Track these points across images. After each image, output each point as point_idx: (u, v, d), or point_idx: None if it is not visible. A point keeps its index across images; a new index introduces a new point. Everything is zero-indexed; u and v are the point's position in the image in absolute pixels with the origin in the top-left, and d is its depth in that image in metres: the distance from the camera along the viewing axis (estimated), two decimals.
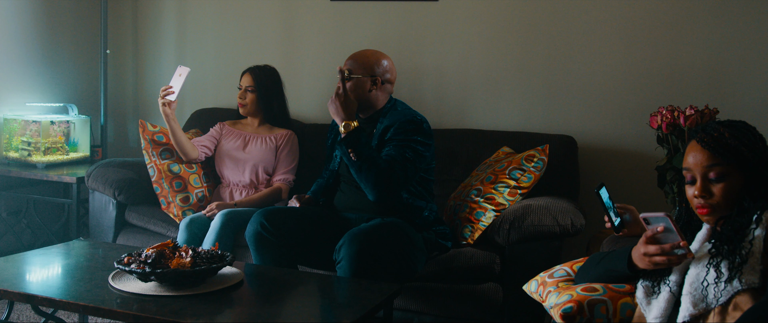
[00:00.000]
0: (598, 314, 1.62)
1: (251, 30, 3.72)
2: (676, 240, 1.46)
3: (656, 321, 1.50)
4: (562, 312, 1.63)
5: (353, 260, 2.19)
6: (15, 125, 3.43)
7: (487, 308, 2.43)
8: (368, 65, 2.50)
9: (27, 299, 1.83)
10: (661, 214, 1.47)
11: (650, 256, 1.49)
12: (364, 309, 1.82)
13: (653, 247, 1.49)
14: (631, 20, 3.02)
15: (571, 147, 2.94)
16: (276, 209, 2.46)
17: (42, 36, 3.64)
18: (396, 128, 2.45)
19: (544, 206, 2.48)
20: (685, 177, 1.56)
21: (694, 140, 1.54)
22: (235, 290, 1.92)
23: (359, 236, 2.24)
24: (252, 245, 2.39)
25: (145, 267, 1.85)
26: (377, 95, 2.53)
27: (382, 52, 2.60)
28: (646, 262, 1.51)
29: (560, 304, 1.65)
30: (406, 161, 2.37)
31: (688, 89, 2.92)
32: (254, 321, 1.73)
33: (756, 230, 1.42)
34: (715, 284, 1.41)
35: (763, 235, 1.41)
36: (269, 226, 2.36)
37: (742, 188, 1.49)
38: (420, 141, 2.43)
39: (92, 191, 3.11)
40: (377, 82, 2.51)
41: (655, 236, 1.49)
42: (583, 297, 1.64)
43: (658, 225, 1.48)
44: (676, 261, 1.47)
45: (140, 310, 1.73)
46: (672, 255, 1.46)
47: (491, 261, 2.44)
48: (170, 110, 2.92)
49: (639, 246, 1.54)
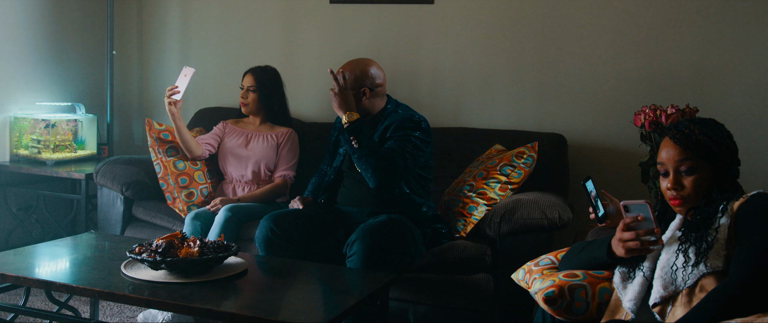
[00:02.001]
0: (578, 297, 1.74)
1: (253, 31, 3.79)
2: (651, 227, 1.57)
3: (631, 303, 1.62)
4: (545, 296, 1.75)
5: (365, 254, 2.31)
6: (25, 123, 3.52)
7: (480, 297, 2.54)
8: (355, 79, 2.62)
9: (45, 285, 1.94)
10: (642, 202, 1.58)
11: (625, 242, 1.60)
12: (362, 295, 1.93)
13: (628, 233, 1.60)
14: (619, 24, 3.11)
15: (560, 145, 3.05)
16: (283, 213, 2.57)
17: (51, 38, 3.73)
18: (396, 126, 2.58)
19: (533, 201, 2.59)
20: (659, 171, 1.68)
21: (667, 137, 1.66)
22: (239, 278, 2.03)
23: (371, 231, 2.35)
24: (262, 248, 2.50)
25: (156, 256, 1.97)
26: (371, 102, 2.66)
27: (366, 60, 2.71)
28: (622, 248, 1.62)
29: (543, 289, 1.77)
30: (406, 152, 2.50)
31: (672, 90, 3.02)
32: (257, 306, 1.84)
33: (722, 218, 1.54)
34: (683, 268, 1.53)
35: (728, 223, 1.53)
36: (278, 230, 2.48)
37: (711, 180, 1.60)
38: (418, 137, 2.55)
39: (100, 187, 3.21)
40: (366, 93, 2.63)
41: (631, 223, 1.61)
42: (564, 282, 1.76)
43: (636, 214, 1.60)
44: (647, 247, 1.58)
45: (152, 295, 1.84)
46: (645, 240, 1.58)
47: (482, 253, 2.55)
48: (176, 109, 3.02)
49: (616, 233, 1.66)
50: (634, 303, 1.61)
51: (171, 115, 3.02)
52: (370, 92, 2.64)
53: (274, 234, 2.47)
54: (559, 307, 1.74)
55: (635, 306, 1.61)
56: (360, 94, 2.62)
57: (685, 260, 1.53)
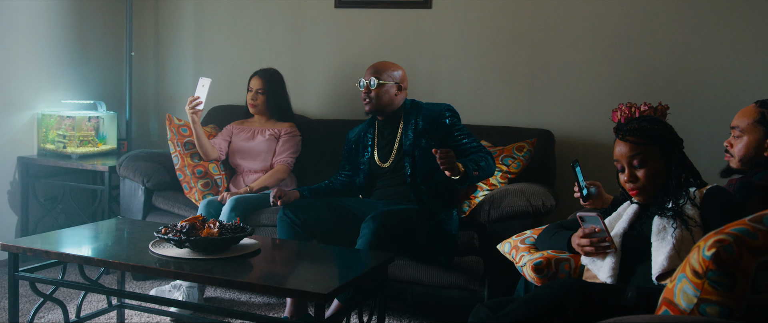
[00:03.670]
0: (562, 270, 2.02)
1: (262, 34, 3.98)
2: (603, 236, 1.83)
3: (610, 279, 1.83)
4: (534, 265, 2.01)
5: (372, 234, 2.55)
6: (51, 120, 3.74)
7: (471, 277, 2.78)
8: (393, 74, 2.92)
9: (85, 261, 2.19)
10: (594, 214, 1.85)
11: (582, 247, 1.88)
12: (363, 269, 2.17)
13: (585, 240, 1.87)
14: (602, 30, 3.32)
15: (549, 140, 3.28)
16: (297, 202, 2.83)
17: (74, 41, 3.94)
18: (451, 118, 2.89)
19: (520, 190, 2.83)
20: (616, 167, 1.92)
21: (618, 137, 1.90)
22: (253, 256, 2.27)
23: (381, 215, 2.61)
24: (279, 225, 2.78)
25: (181, 236, 2.22)
26: (400, 98, 2.95)
27: (397, 64, 3.01)
28: (581, 251, 1.90)
29: (533, 260, 2.05)
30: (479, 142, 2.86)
31: (648, 89, 3.22)
32: (270, 277, 2.09)
33: (688, 208, 1.76)
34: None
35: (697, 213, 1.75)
36: (292, 215, 2.74)
37: (662, 168, 1.84)
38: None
39: (123, 179, 3.44)
40: (401, 87, 2.93)
41: (588, 233, 1.87)
42: (551, 256, 2.05)
43: (590, 224, 1.86)
44: (601, 253, 1.84)
45: (178, 268, 2.09)
46: (599, 246, 1.84)
47: (471, 238, 2.80)
48: (197, 117, 3.27)
49: (574, 238, 1.93)
50: (612, 279, 1.83)
51: (192, 122, 3.26)
52: (401, 88, 2.94)
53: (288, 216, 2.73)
54: (544, 276, 2.00)
55: (613, 280, 1.83)
56: (396, 87, 2.92)
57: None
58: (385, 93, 2.89)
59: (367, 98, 2.89)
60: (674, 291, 1.29)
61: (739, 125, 2.09)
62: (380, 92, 2.88)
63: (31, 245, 2.29)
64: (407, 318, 2.98)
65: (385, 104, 2.90)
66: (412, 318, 2.97)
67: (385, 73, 2.90)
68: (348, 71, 3.77)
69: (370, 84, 2.87)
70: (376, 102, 2.89)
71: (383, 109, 2.92)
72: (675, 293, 1.28)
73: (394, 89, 2.91)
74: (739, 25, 3.11)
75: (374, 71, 2.91)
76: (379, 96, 2.88)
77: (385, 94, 2.89)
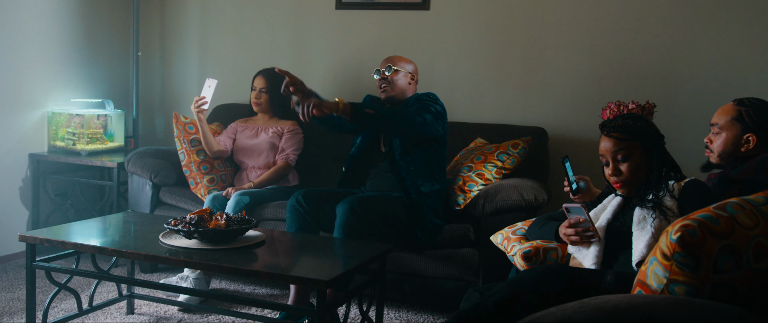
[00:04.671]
0: (550, 258, 2.13)
1: (265, 35, 4.08)
2: (588, 226, 1.94)
3: (594, 266, 1.94)
4: (523, 253, 2.13)
5: (341, 218, 2.69)
6: (61, 118, 3.85)
7: (466, 268, 2.90)
8: (406, 65, 3.09)
9: (99, 251, 2.31)
10: (578, 205, 1.96)
11: (569, 236, 1.99)
12: (362, 259, 2.29)
13: (571, 230, 1.98)
14: (594, 32, 3.42)
15: (542, 137, 3.38)
16: (307, 190, 2.94)
17: (83, 42, 4.04)
18: (414, 101, 2.99)
19: (513, 185, 2.94)
20: (602, 162, 2.03)
21: (603, 134, 2.01)
22: (258, 247, 2.39)
23: (350, 200, 2.73)
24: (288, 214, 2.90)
25: (190, 227, 2.34)
26: (411, 89, 3.11)
27: (410, 59, 3.17)
28: (566, 240, 2.01)
29: (522, 248, 2.16)
30: (426, 112, 2.87)
31: (639, 88, 3.32)
32: (275, 266, 2.21)
33: (667, 199, 1.87)
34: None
35: (676, 204, 1.86)
36: (305, 204, 2.86)
37: (645, 162, 1.95)
38: (437, 105, 2.97)
39: (131, 175, 3.56)
40: (414, 77, 3.10)
41: (573, 223, 1.98)
42: (540, 245, 2.17)
43: (575, 215, 1.96)
44: (586, 242, 1.96)
45: (187, 257, 2.20)
46: (583, 236, 1.95)
47: (466, 231, 2.91)
48: (203, 116, 3.39)
49: (561, 228, 2.04)
50: (596, 266, 1.94)
51: (199, 121, 3.38)
52: (413, 80, 3.11)
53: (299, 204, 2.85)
54: (533, 263, 2.13)
55: (597, 266, 1.95)
56: (409, 76, 3.09)
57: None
58: (401, 79, 3.05)
59: (385, 84, 3.04)
60: (647, 272, 1.41)
61: (718, 123, 2.20)
62: (396, 77, 3.04)
63: (48, 236, 2.40)
64: (405, 307, 3.10)
65: (400, 90, 3.06)
66: (410, 308, 3.09)
67: (399, 63, 3.07)
68: (349, 70, 3.88)
69: (386, 71, 3.02)
70: (392, 87, 3.03)
71: (397, 96, 3.06)
72: (647, 275, 1.40)
73: (408, 77, 3.07)
74: (725, 27, 3.22)
75: (389, 61, 3.08)
76: (395, 81, 3.04)
77: (401, 80, 3.05)
